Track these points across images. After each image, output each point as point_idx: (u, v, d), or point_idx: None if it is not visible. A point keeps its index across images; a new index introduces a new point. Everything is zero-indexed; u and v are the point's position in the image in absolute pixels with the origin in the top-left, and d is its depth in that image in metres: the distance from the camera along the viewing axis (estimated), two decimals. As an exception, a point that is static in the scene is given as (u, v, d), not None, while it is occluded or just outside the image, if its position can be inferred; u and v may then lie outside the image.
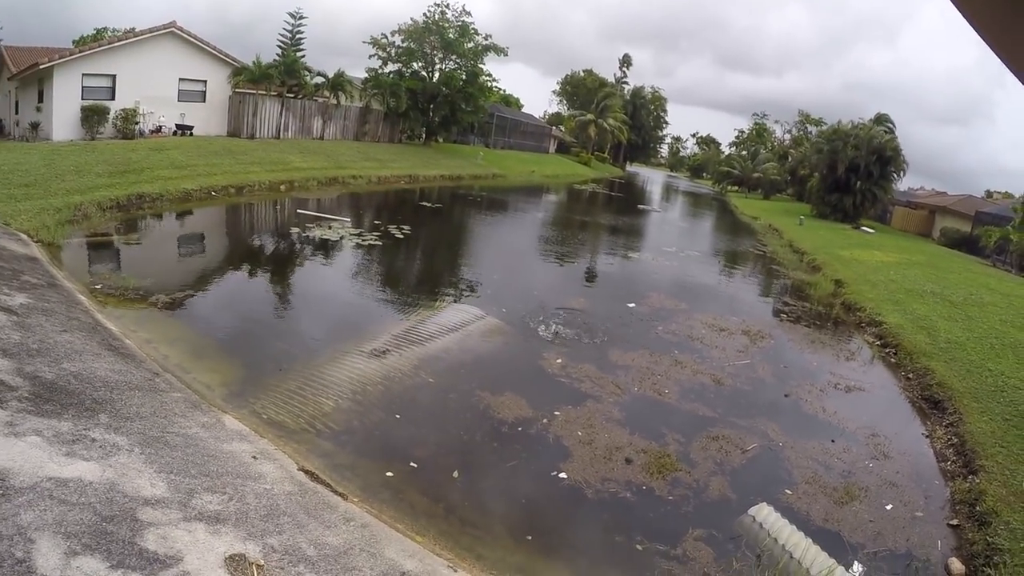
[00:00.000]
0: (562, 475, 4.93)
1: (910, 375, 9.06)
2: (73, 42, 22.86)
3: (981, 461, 6.23)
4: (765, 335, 10.15)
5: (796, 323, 11.56)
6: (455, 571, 3.63)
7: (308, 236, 12.95)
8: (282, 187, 18.50)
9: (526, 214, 24.84)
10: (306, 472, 4.33)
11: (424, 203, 20.81)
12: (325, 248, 12.34)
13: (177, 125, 22.78)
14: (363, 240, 13.10)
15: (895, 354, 10.02)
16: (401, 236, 14.21)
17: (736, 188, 58.18)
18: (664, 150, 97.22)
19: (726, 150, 79.17)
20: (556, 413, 5.91)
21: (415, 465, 4.88)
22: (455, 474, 4.84)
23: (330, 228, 13.76)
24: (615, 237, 21.01)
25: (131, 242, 10.74)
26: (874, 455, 6.49)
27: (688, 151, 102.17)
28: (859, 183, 30.43)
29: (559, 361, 7.29)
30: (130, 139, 20.52)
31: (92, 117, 20.39)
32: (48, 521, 2.89)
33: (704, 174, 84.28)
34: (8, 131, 25.17)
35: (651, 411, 6.41)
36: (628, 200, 37.90)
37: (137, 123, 21.41)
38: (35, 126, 21.11)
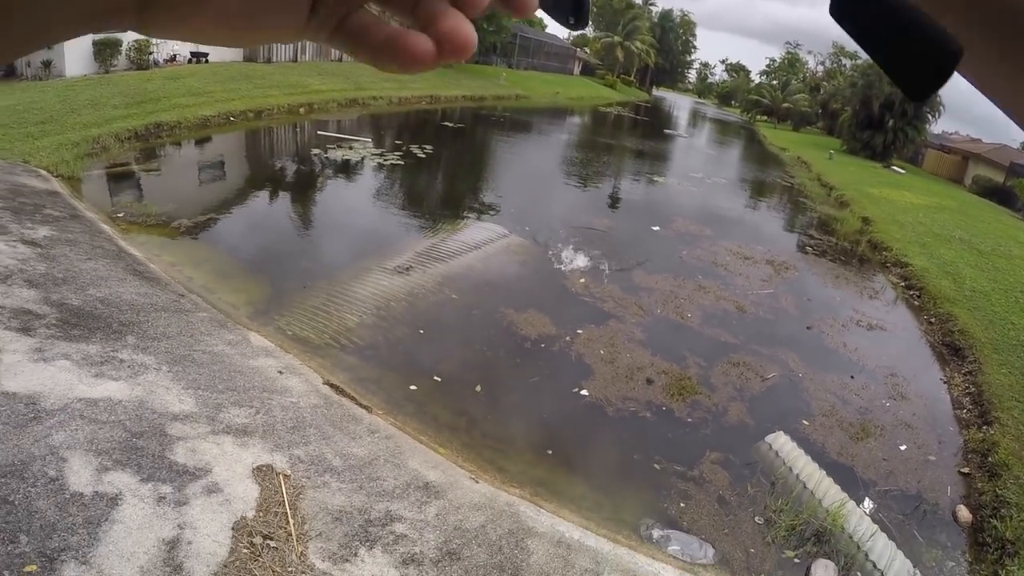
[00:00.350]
0: (583, 392, 4.85)
1: (932, 319, 8.84)
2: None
3: (996, 413, 6.10)
4: (789, 266, 9.89)
5: (821, 257, 11.26)
6: (477, 482, 3.57)
7: (329, 157, 12.60)
8: (301, 110, 17.94)
9: (550, 136, 24.13)
10: (331, 386, 4.26)
11: (446, 123, 20.20)
12: (346, 169, 12.03)
13: (192, 53, 21.88)
14: (384, 160, 12.74)
15: (918, 297, 9.76)
16: (423, 156, 13.83)
17: (765, 118, 56.14)
18: (692, 76, 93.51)
19: (756, 79, 76.17)
20: (579, 331, 5.79)
21: (439, 379, 4.80)
22: (478, 388, 4.77)
23: (351, 149, 13.40)
24: (640, 161, 20.37)
25: (151, 170, 10.54)
26: (891, 395, 6.37)
27: (716, 78, 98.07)
28: (892, 121, 29.06)
29: (582, 281, 7.11)
30: (145, 70, 19.78)
31: (105, 50, 19.53)
32: (79, 440, 2.90)
33: (732, 102, 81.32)
34: (20, 72, 24.33)
35: (673, 334, 6.27)
36: (654, 124, 36.64)
37: (151, 53, 20.53)
38: (47, 64, 20.32)
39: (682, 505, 3.98)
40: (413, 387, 4.64)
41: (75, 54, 19.32)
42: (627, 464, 4.23)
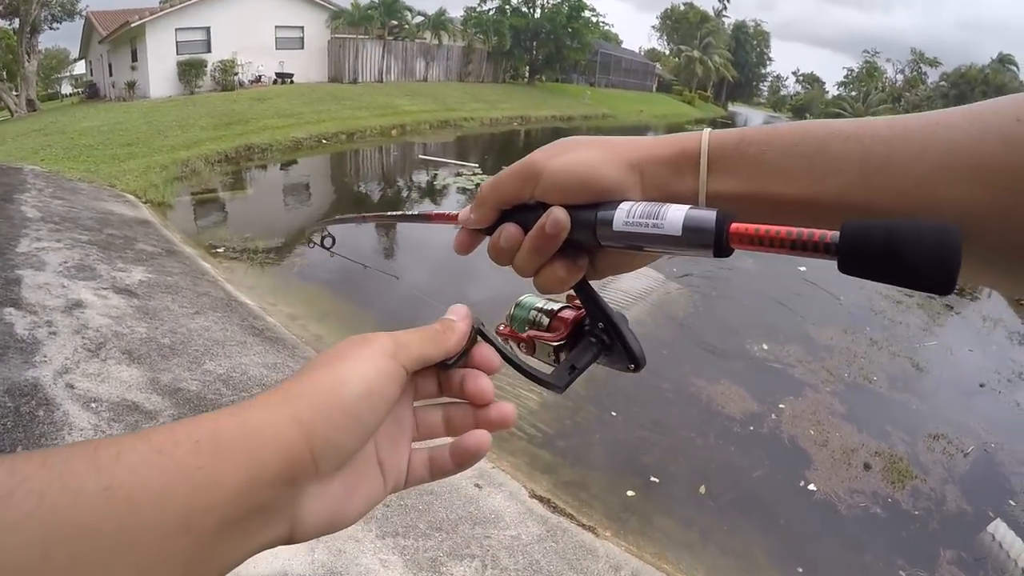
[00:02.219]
0: (811, 487, 4.54)
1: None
2: (160, 0, 21.49)
3: None
4: (938, 310, 9.27)
5: (957, 292, 10.52)
6: None
7: (438, 184, 11.86)
8: (393, 131, 16.84)
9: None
10: (540, 499, 3.59)
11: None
12: (468, 195, 11.21)
13: (276, 74, 21.47)
14: None
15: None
16: None
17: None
18: (764, 89, 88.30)
19: (830, 89, 71.43)
20: (780, 406, 5.47)
21: (656, 480, 4.30)
22: (702, 490, 4.29)
23: (460, 175, 12.48)
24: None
25: (246, 197, 9.51)
26: None
27: (789, 90, 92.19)
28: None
29: (762, 343, 6.78)
30: (230, 90, 19.35)
31: (189, 71, 19.15)
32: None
33: (806, 115, 77.00)
34: (104, 93, 24.08)
35: (867, 402, 5.91)
36: None
37: (236, 74, 20.14)
38: (131, 85, 19.96)
39: (938, 616, 3.79)
40: (630, 492, 4.13)
41: (160, 74, 18.91)
42: (877, 573, 4.05)
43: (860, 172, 0.37)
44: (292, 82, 21.37)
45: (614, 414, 4.99)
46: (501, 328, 0.57)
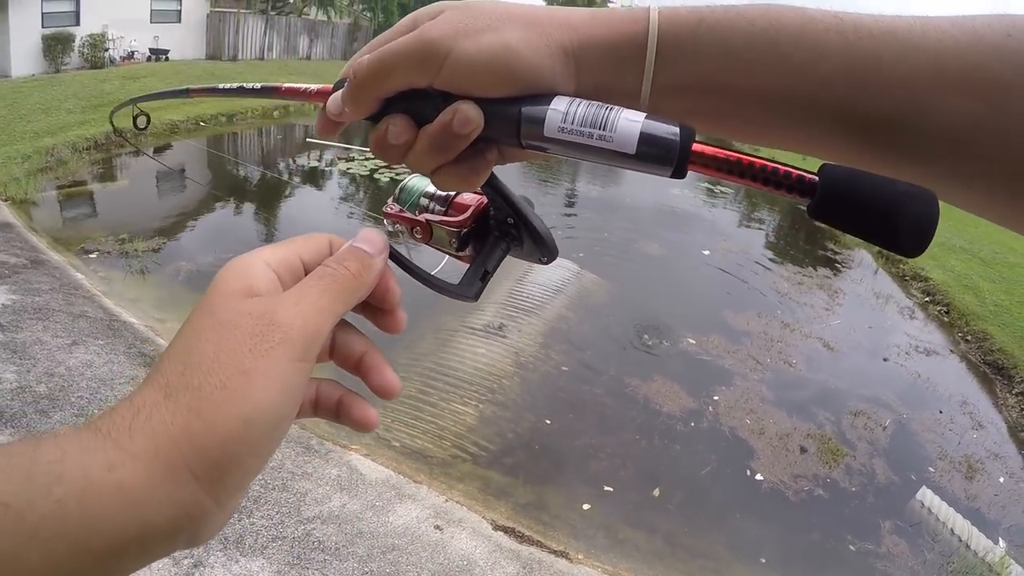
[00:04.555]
0: (758, 476, 4.86)
1: (968, 338, 9.24)
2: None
3: None
4: (836, 289, 10.20)
5: (850, 270, 11.68)
6: None
7: (330, 170, 11.60)
8: (276, 113, 16.58)
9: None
10: (504, 530, 3.57)
11: (448, 126, 19.80)
12: (360, 187, 10.94)
13: (151, 50, 20.17)
14: (398, 175, 11.48)
15: (947, 313, 10.19)
16: None
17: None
18: None
19: None
20: (715, 397, 5.79)
21: (610, 489, 4.37)
22: (656, 493, 4.41)
23: (352, 160, 12.24)
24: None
25: (120, 189, 8.85)
26: (973, 425, 6.70)
27: None
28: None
29: (691, 340, 7.02)
30: (99, 68, 17.90)
31: (55, 47, 17.40)
32: None
33: None
34: None
35: (792, 386, 6.41)
36: None
37: (107, 50, 18.56)
38: None
39: (895, 589, 4.15)
40: (586, 506, 4.17)
41: (21, 51, 17.31)
42: (830, 553, 4.36)
43: (841, 68, 0.35)
44: (167, 59, 20.04)
45: (548, 422, 5.01)
46: (389, 209, 0.53)
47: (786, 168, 0.33)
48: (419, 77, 0.37)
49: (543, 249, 0.47)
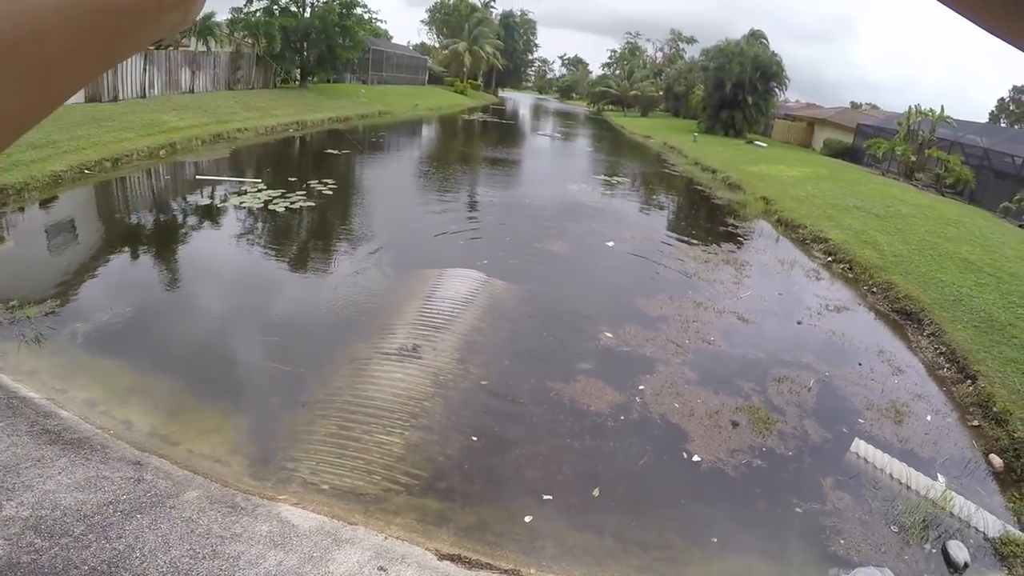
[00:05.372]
0: (696, 458, 4.83)
1: (874, 289, 9.78)
2: None
3: (976, 367, 6.93)
4: (742, 262, 10.56)
5: (752, 242, 12.13)
6: None
7: (223, 206, 11.18)
8: (162, 152, 16.01)
9: (438, 151, 24.01)
10: (450, 559, 3.45)
11: (330, 151, 19.33)
12: (256, 219, 10.61)
13: None
14: (292, 203, 11.46)
15: (850, 269, 10.74)
16: (330, 192, 12.76)
17: (613, 107, 59.29)
18: (532, 74, 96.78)
19: (594, 70, 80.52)
20: (640, 387, 5.75)
21: (548, 497, 4.23)
22: (596, 493, 4.31)
23: (245, 193, 12.03)
24: (543, 168, 20.97)
25: (4, 250, 8.12)
26: (892, 371, 7.02)
27: (555, 74, 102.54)
28: (749, 99, 31.96)
29: (608, 334, 6.97)
30: None
31: None
32: None
33: (573, 94, 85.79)
34: None
35: (715, 363, 6.49)
36: (520, 127, 38.41)
37: None
38: None
39: (841, 541, 4.19)
40: (528, 518, 4.04)
41: None
42: (779, 520, 4.35)
43: None
44: None
45: (475, 439, 4.79)
46: None
47: None
48: None
49: None
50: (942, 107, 21.92)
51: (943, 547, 4.27)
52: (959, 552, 4.20)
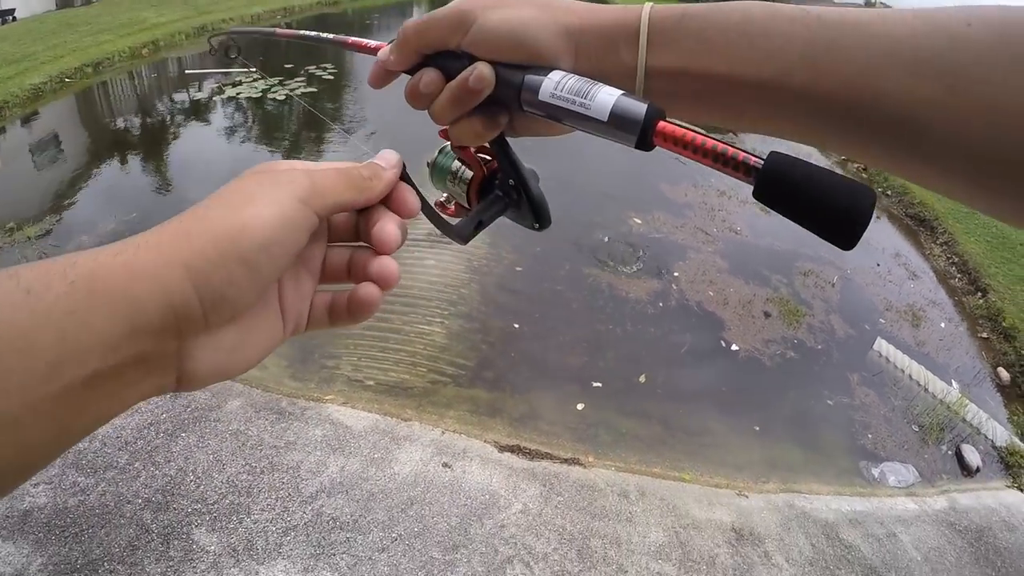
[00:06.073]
0: (734, 347, 4.85)
1: (888, 192, 9.64)
2: None
3: (986, 280, 6.97)
4: (761, 151, 10.18)
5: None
6: (746, 496, 3.53)
7: (218, 100, 10.43)
8: (145, 51, 14.85)
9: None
10: (510, 450, 3.45)
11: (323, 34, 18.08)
12: (252, 111, 9.96)
13: None
14: (292, 90, 10.64)
15: (864, 169, 10.56)
16: (330, 77, 11.81)
17: None
18: None
19: None
20: (676, 274, 5.69)
21: (598, 384, 4.22)
22: (642, 379, 4.32)
23: (240, 84, 11.07)
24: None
25: None
26: (908, 275, 7.05)
27: None
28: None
29: (637, 220, 6.85)
30: None
31: None
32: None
33: None
34: None
35: (742, 253, 6.42)
36: None
37: None
38: None
39: (869, 436, 4.32)
40: (580, 405, 4.03)
41: None
42: (812, 412, 4.47)
43: (803, 55, 0.38)
44: (15, 19, 17.44)
45: (517, 326, 4.74)
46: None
47: (735, 150, 0.37)
48: (451, 38, 0.45)
49: (538, 215, 0.52)
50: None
51: (957, 450, 4.44)
52: (972, 456, 4.36)
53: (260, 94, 10.47)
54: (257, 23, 19.51)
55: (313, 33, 0.74)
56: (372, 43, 0.56)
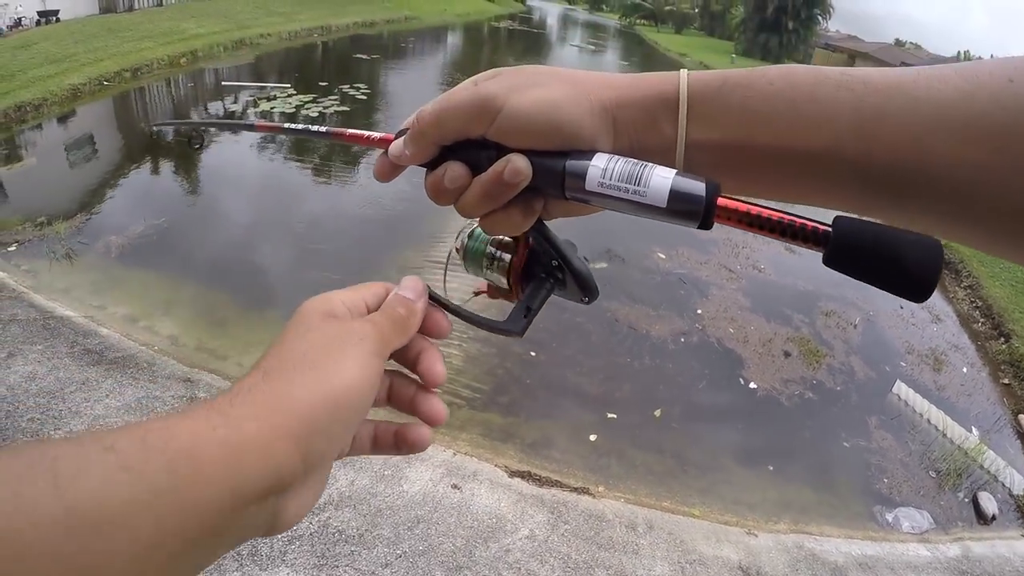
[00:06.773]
0: (752, 385, 4.87)
1: (914, 234, 9.59)
2: None
3: (1010, 326, 6.89)
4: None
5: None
6: (756, 535, 3.49)
7: (252, 112, 10.74)
8: (183, 60, 15.25)
9: (470, 57, 23.20)
10: (520, 476, 3.47)
11: (359, 55, 18.55)
12: (281, 123, 10.15)
13: (39, 13, 18.23)
14: (324, 108, 10.88)
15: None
16: (364, 97, 12.18)
17: (645, 22, 56.86)
18: None
19: None
20: (698, 311, 5.74)
21: (612, 416, 4.25)
22: (657, 413, 4.34)
23: (274, 99, 11.47)
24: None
25: (27, 168, 7.75)
26: (931, 319, 6.99)
27: None
28: (790, 24, 30.61)
29: (661, 255, 6.92)
30: None
31: None
32: None
33: (603, 6, 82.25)
34: None
35: (764, 291, 6.49)
36: (548, 36, 37.47)
37: None
38: None
39: (885, 480, 4.28)
40: (593, 436, 4.05)
41: None
42: (828, 453, 4.46)
43: (853, 122, 0.36)
44: (58, 20, 18.07)
45: (534, 354, 4.78)
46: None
47: (802, 220, 0.35)
48: (475, 127, 0.42)
49: (585, 290, 0.49)
50: (992, 56, 20.93)
51: (974, 497, 4.37)
52: (989, 504, 4.29)
53: (294, 109, 10.75)
54: (294, 40, 20.06)
55: (301, 127, 0.66)
56: (376, 135, 0.51)
